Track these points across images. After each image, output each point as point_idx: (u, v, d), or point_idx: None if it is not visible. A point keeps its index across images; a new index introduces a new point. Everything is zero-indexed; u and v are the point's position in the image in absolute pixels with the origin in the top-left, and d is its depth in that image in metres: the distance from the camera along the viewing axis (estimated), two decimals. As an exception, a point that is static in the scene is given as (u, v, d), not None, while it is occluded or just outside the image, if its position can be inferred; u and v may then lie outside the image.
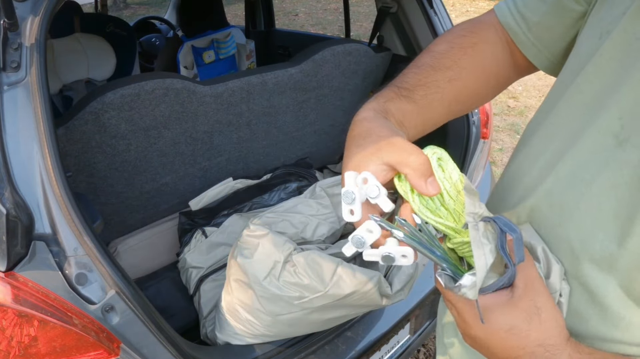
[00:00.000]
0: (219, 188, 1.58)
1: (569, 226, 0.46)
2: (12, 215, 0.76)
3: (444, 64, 0.57)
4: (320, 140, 1.86)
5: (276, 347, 1.14)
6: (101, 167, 1.30)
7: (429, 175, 0.42)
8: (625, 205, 0.41)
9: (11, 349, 0.78)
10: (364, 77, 1.78)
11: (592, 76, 0.47)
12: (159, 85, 1.27)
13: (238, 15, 5.39)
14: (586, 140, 0.45)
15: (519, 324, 0.43)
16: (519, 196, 0.53)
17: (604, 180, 0.43)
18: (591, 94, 0.46)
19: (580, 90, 0.48)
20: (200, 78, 2.25)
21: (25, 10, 0.86)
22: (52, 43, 2.02)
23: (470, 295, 0.42)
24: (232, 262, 1.12)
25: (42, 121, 0.82)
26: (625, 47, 0.43)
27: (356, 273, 1.00)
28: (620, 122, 0.42)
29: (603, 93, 0.45)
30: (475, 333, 0.46)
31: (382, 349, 1.28)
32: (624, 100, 0.42)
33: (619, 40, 0.44)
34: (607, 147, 0.43)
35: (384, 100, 0.53)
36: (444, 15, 1.63)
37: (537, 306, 0.43)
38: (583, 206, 0.45)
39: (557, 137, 0.50)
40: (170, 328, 0.96)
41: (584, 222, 0.45)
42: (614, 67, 0.44)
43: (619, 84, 0.43)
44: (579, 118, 0.47)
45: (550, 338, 0.43)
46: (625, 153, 0.42)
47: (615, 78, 0.44)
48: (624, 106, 0.42)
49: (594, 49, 0.47)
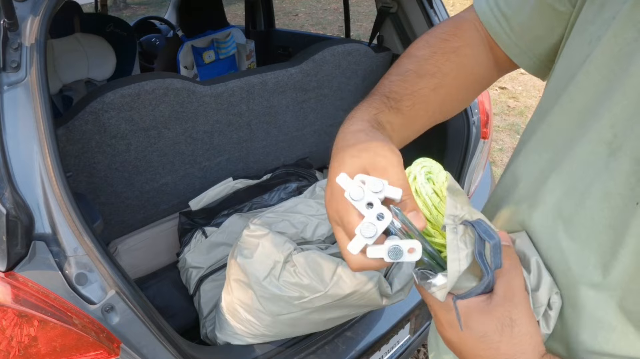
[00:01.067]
0: (219, 188, 1.58)
1: (562, 237, 0.45)
2: (12, 215, 0.76)
3: (428, 70, 0.56)
4: (320, 140, 1.86)
5: (276, 347, 1.14)
6: (101, 167, 1.30)
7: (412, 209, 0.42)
8: (619, 215, 0.40)
9: (11, 349, 0.78)
10: (364, 77, 1.78)
11: (584, 84, 0.45)
12: (159, 85, 1.27)
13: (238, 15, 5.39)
14: (579, 150, 0.44)
15: (491, 334, 0.42)
16: (515, 202, 0.52)
17: (597, 190, 0.42)
18: (583, 103, 0.45)
19: (571, 98, 0.47)
20: (200, 78, 2.25)
21: (25, 10, 0.86)
22: (52, 43, 2.02)
23: (438, 296, 0.41)
24: (232, 262, 1.12)
25: (42, 121, 0.82)
26: (616, 53, 0.42)
27: (356, 273, 1.00)
28: (612, 130, 0.41)
29: (595, 102, 0.44)
30: (450, 336, 0.45)
31: (382, 349, 1.28)
32: (616, 108, 0.41)
33: (609, 46, 0.43)
34: (600, 156, 0.42)
35: (374, 112, 0.52)
36: (444, 15, 1.63)
37: (512, 318, 0.42)
38: (577, 217, 0.44)
39: (550, 146, 0.49)
40: (170, 328, 0.96)
41: (579, 232, 0.44)
42: (604, 73, 0.43)
43: (610, 91, 0.42)
44: (572, 128, 0.46)
45: (522, 353, 0.41)
46: (617, 162, 0.41)
47: (606, 86, 0.43)
48: (616, 114, 0.41)
49: (584, 55, 0.46)
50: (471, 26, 0.60)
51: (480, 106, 1.63)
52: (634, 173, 0.39)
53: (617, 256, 0.41)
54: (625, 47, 0.41)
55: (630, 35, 0.41)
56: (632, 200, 0.39)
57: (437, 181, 0.45)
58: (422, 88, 0.55)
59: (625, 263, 0.40)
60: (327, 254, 1.06)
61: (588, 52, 0.45)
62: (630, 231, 0.39)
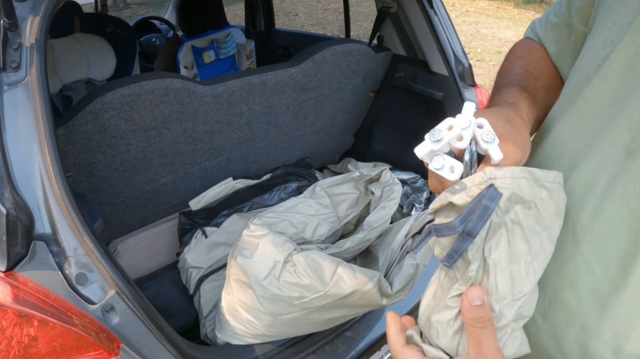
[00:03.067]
0: (219, 188, 1.58)
1: (583, 242, 0.45)
2: (12, 215, 0.76)
3: (536, 73, 0.61)
4: (320, 140, 1.86)
5: (276, 347, 1.14)
6: (101, 167, 1.30)
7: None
8: (638, 218, 0.41)
9: (11, 349, 0.78)
10: (364, 77, 1.78)
11: (600, 88, 0.46)
12: (159, 85, 1.27)
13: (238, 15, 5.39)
14: (597, 154, 0.45)
15: None
16: None
17: (615, 193, 0.43)
18: (600, 106, 0.46)
19: (588, 101, 0.48)
20: (200, 78, 2.24)
21: (25, 10, 0.86)
22: (52, 43, 2.02)
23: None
24: (232, 262, 1.12)
25: (42, 121, 0.82)
26: (633, 58, 0.43)
27: (356, 273, 1.00)
28: (630, 134, 0.42)
29: (612, 105, 0.44)
30: None
31: (382, 349, 1.28)
32: (634, 112, 0.42)
33: (626, 51, 0.44)
34: (617, 160, 0.43)
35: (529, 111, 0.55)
36: (444, 15, 1.63)
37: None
38: (596, 220, 0.44)
39: (567, 149, 0.50)
40: (170, 328, 0.96)
41: (598, 236, 0.44)
42: (621, 78, 0.44)
43: (627, 95, 0.43)
44: (589, 131, 0.47)
45: None
46: (634, 165, 0.41)
47: (623, 90, 0.43)
48: (633, 117, 0.42)
49: (599, 59, 0.47)
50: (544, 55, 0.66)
51: (480, 106, 1.63)
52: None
53: (637, 259, 0.41)
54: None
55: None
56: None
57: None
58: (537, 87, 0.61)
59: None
60: (327, 254, 1.06)
61: (603, 57, 0.46)
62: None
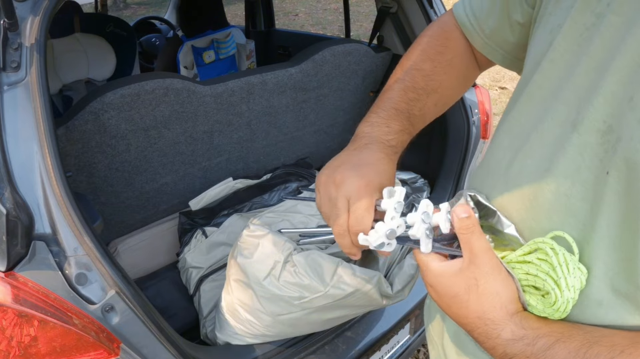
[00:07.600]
0: (219, 188, 1.58)
1: (541, 217, 0.46)
2: (12, 215, 0.76)
3: (433, 87, 0.65)
4: (320, 140, 1.86)
5: (276, 347, 1.14)
6: (101, 167, 1.30)
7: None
8: (591, 188, 0.41)
9: (11, 349, 0.78)
10: (364, 77, 1.78)
11: (548, 71, 0.48)
12: (159, 85, 1.27)
13: (238, 15, 5.39)
14: (545, 132, 0.47)
15: (461, 294, 0.46)
16: (489, 187, 0.54)
17: (565, 167, 0.44)
18: (549, 88, 0.48)
19: (539, 85, 0.50)
20: (200, 78, 2.24)
21: (25, 10, 0.86)
22: (52, 43, 2.02)
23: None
24: (232, 262, 1.12)
25: (42, 121, 0.82)
26: (576, 38, 0.45)
27: (356, 273, 1.00)
28: (577, 109, 0.43)
29: (559, 85, 0.46)
30: (433, 297, 0.50)
31: (382, 349, 1.28)
32: (578, 87, 0.43)
33: (570, 33, 0.46)
34: (564, 134, 0.44)
35: (395, 136, 0.59)
36: (444, 15, 1.63)
37: (476, 278, 0.45)
38: (549, 195, 0.45)
39: (519, 133, 0.51)
40: (170, 328, 0.96)
41: (554, 209, 0.45)
42: (567, 58, 0.46)
43: (573, 74, 0.44)
44: (538, 112, 0.49)
45: (489, 311, 0.44)
46: (581, 137, 0.42)
47: (569, 69, 0.45)
48: (578, 94, 0.43)
49: (547, 43, 0.49)
50: (458, 35, 0.67)
51: (480, 106, 1.63)
52: (600, 145, 0.41)
53: (595, 229, 0.41)
54: (585, 32, 0.44)
55: (588, 21, 0.44)
56: (602, 170, 0.41)
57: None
58: (428, 106, 0.64)
59: (602, 234, 0.41)
60: (327, 254, 1.06)
61: (550, 40, 0.48)
62: (605, 199, 0.40)
